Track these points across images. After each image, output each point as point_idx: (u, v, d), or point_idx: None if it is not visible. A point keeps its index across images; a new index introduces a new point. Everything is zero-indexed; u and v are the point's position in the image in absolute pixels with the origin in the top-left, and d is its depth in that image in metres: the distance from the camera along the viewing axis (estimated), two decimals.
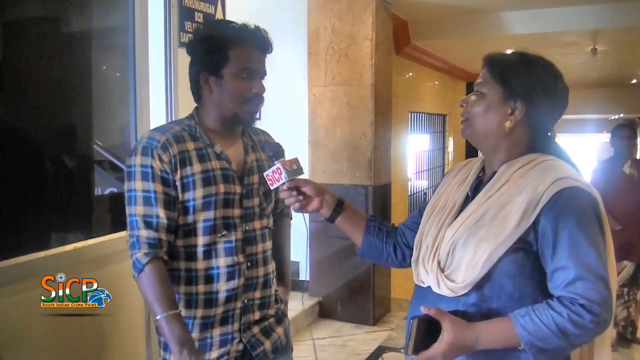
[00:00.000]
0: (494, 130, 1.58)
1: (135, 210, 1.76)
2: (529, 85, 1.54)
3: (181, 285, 1.83)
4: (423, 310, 1.47)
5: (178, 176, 1.78)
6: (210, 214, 1.81)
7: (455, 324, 1.44)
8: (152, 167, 1.76)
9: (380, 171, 5.10)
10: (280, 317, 2.04)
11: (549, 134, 1.63)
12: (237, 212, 1.86)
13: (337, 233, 1.92)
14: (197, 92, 1.90)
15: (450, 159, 9.83)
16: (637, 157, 4.94)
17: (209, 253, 1.82)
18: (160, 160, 1.76)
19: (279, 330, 2.00)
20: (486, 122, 1.58)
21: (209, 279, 1.82)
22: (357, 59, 4.92)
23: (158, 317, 1.70)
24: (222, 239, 1.83)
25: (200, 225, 1.81)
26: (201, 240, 1.82)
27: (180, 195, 1.79)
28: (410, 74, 7.72)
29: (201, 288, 1.82)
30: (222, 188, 1.82)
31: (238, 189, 1.87)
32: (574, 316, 1.37)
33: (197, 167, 1.80)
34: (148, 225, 1.75)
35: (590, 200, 1.46)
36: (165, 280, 1.75)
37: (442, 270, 1.54)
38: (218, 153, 1.86)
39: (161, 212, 1.76)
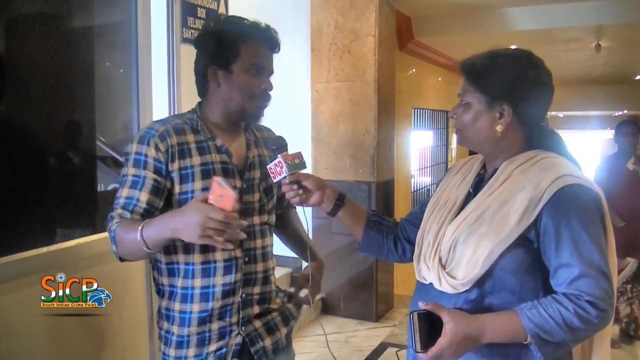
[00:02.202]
0: (487, 136, 1.58)
1: (121, 193, 1.78)
2: (510, 85, 1.53)
3: (179, 279, 1.83)
4: (421, 306, 1.48)
5: (176, 167, 1.78)
6: None
7: (456, 315, 1.44)
8: (146, 155, 1.76)
9: (383, 168, 5.10)
10: (287, 317, 2.02)
11: (542, 123, 1.63)
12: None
13: (340, 229, 1.93)
14: (203, 85, 1.89)
15: (453, 155, 9.84)
16: None
17: (206, 246, 1.80)
18: (156, 149, 1.76)
19: (283, 330, 1.98)
20: (478, 131, 1.58)
21: (206, 272, 1.82)
22: (360, 55, 4.91)
23: (139, 234, 1.63)
24: None
25: None
26: None
27: (177, 187, 1.79)
28: (414, 70, 7.71)
29: (198, 282, 1.82)
30: None
31: (238, 183, 1.86)
32: (581, 311, 1.38)
33: (196, 160, 1.80)
34: (125, 207, 1.75)
35: (592, 197, 1.47)
36: (137, 221, 1.71)
37: (444, 267, 1.55)
38: (219, 146, 1.86)
39: (143, 197, 1.75)
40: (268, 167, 1.75)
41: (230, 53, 1.81)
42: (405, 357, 1.76)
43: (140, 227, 1.64)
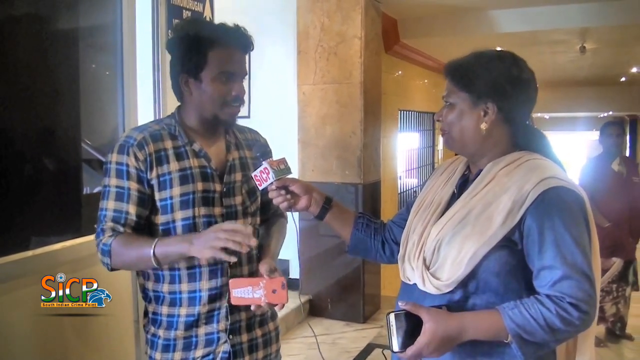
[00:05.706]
0: (472, 135, 1.58)
1: (106, 205, 1.78)
2: (493, 83, 1.54)
3: (165, 284, 1.82)
4: (401, 305, 1.48)
5: (154, 174, 1.77)
6: (188, 213, 1.80)
7: (435, 314, 1.45)
8: (127, 164, 1.76)
9: (370, 169, 5.11)
10: (269, 339, 1.99)
11: (528, 122, 1.64)
12: (218, 210, 1.85)
13: (327, 231, 1.93)
14: (178, 92, 1.89)
15: (440, 157, 9.86)
16: (626, 155, 4.97)
17: None
18: (136, 158, 1.76)
19: (261, 352, 1.95)
20: (463, 130, 1.59)
21: (192, 277, 1.81)
22: (346, 57, 4.92)
23: (152, 250, 1.70)
24: None
25: (179, 224, 1.80)
26: None
27: (156, 194, 1.79)
28: (400, 72, 7.73)
29: (185, 287, 1.81)
30: (200, 186, 1.81)
31: (218, 187, 1.85)
32: (562, 312, 1.38)
33: (174, 166, 1.80)
34: (116, 220, 1.77)
35: (576, 199, 1.47)
36: (137, 235, 1.78)
37: (428, 268, 1.55)
38: (197, 151, 1.85)
39: (131, 209, 1.77)
40: (253, 174, 1.74)
41: (198, 61, 1.78)
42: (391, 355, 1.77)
43: (153, 245, 1.70)
